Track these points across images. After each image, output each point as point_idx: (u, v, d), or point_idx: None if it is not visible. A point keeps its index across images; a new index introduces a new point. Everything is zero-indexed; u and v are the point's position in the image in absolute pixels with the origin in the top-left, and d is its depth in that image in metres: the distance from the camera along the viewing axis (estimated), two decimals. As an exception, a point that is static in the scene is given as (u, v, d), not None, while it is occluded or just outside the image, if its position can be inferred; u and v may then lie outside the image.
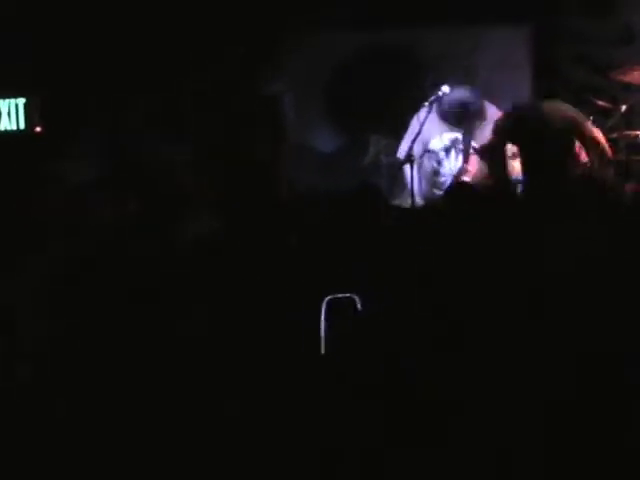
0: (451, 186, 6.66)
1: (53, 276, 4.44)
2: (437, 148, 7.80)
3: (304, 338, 3.88)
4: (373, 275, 4.04)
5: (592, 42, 9.03)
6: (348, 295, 3.92)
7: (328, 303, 3.92)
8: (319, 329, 3.89)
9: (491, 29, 8.52)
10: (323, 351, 3.86)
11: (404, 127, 7.92)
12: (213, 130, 8.76)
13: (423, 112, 7.61)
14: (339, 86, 9.25)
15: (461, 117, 7.68)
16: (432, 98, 7.60)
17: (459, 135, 7.78)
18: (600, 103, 8.08)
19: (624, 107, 8.06)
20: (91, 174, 8.14)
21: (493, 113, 7.72)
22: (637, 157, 8.06)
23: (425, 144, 7.66)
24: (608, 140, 7.93)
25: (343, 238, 4.69)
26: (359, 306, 3.88)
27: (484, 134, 7.58)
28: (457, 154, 7.79)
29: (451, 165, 7.84)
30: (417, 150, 7.57)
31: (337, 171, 8.99)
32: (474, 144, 7.53)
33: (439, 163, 7.80)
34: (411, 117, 7.86)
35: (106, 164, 8.38)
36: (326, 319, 3.89)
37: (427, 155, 7.70)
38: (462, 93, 7.64)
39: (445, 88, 7.57)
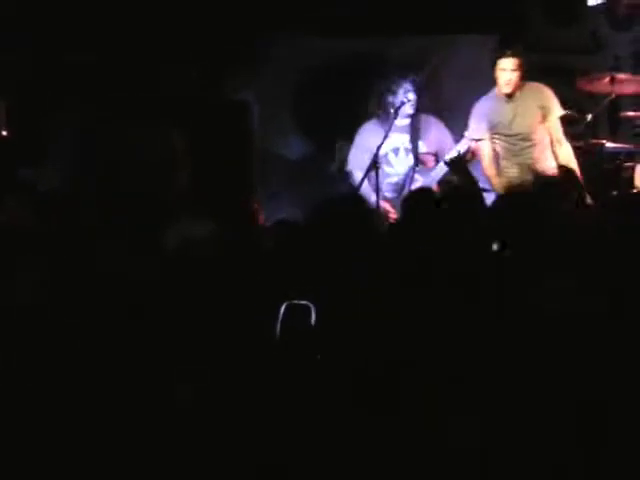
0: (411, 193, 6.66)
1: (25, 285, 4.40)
2: (387, 150, 7.82)
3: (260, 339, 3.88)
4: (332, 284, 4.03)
5: (558, 51, 9.09)
6: (304, 303, 3.90)
7: (286, 309, 3.90)
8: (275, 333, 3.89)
9: (458, 38, 8.54)
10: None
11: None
12: (181, 138, 8.73)
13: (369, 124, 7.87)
14: (306, 94, 9.25)
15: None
16: (397, 105, 7.66)
17: (407, 136, 7.85)
18: (567, 112, 8.11)
19: (590, 116, 8.11)
20: (60, 180, 8.11)
21: (439, 123, 7.90)
22: (602, 166, 8.12)
23: (372, 151, 7.66)
24: (574, 148, 8.00)
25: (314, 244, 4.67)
26: (313, 315, 3.86)
27: (430, 138, 7.79)
28: (406, 154, 7.84)
29: (402, 165, 7.89)
30: (362, 160, 7.70)
31: (304, 179, 8.99)
32: (445, 158, 7.61)
33: (391, 166, 7.84)
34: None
35: (75, 170, 8.34)
36: (282, 324, 3.88)
37: (380, 161, 7.72)
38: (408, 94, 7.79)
39: (410, 95, 7.65)
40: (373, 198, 7.47)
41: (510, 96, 7.44)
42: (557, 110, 7.53)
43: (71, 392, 3.70)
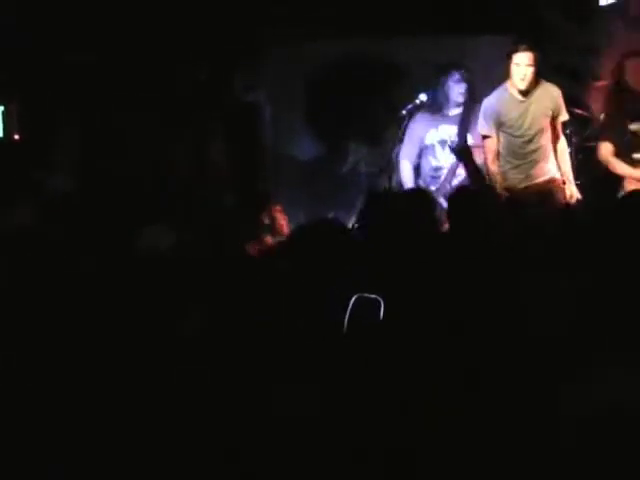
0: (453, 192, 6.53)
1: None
2: (433, 142, 7.78)
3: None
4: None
5: (572, 51, 9.05)
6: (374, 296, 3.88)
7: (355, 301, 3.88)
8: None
9: (472, 39, 8.48)
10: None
11: (384, 136, 7.92)
12: (193, 137, 8.73)
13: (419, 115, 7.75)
14: (318, 95, 9.22)
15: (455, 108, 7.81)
16: (410, 106, 7.60)
17: (454, 128, 7.80)
18: (579, 112, 8.08)
19: (602, 116, 8.07)
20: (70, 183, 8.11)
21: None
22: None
23: (420, 141, 7.64)
24: (585, 148, 7.97)
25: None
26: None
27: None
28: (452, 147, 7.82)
29: (447, 158, 7.85)
30: (412, 151, 7.63)
31: (316, 179, 8.97)
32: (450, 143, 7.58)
33: (436, 158, 7.79)
34: (395, 125, 7.86)
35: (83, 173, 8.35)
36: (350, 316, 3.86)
37: (424, 152, 7.68)
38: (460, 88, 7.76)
39: (423, 97, 7.59)
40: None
41: (524, 94, 7.23)
42: (564, 114, 7.39)
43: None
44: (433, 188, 7.63)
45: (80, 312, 4.01)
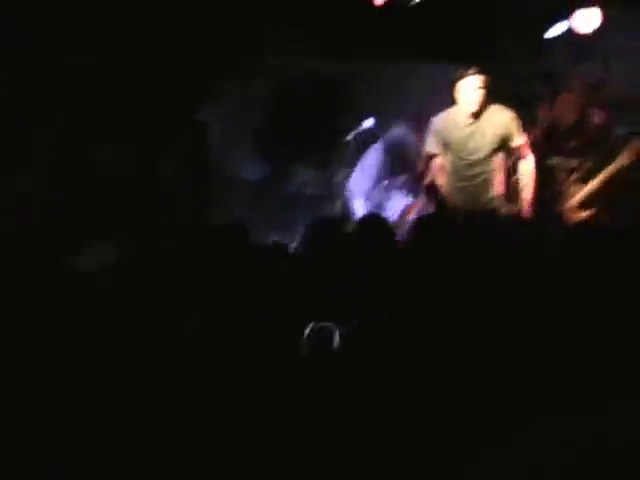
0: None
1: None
2: (364, 202, 7.86)
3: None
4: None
5: (522, 80, 9.18)
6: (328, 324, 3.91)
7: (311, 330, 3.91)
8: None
9: (421, 64, 8.57)
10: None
11: (331, 159, 7.98)
12: (142, 156, 8.72)
13: (373, 153, 7.74)
14: (268, 116, 9.27)
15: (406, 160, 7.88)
16: (357, 132, 7.67)
17: (406, 175, 7.85)
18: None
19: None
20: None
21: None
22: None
23: (371, 179, 7.74)
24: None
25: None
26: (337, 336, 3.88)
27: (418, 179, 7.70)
28: (405, 193, 7.85)
29: (398, 202, 7.89)
30: (368, 185, 7.65)
31: (262, 200, 9.00)
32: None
33: (388, 198, 7.83)
34: (341, 150, 7.91)
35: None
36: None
37: (378, 188, 7.75)
38: (403, 139, 7.78)
39: (369, 122, 7.65)
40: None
41: (472, 117, 7.12)
42: (518, 137, 7.22)
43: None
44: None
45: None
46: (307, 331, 3.89)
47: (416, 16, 8.47)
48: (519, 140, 7.19)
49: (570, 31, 8.62)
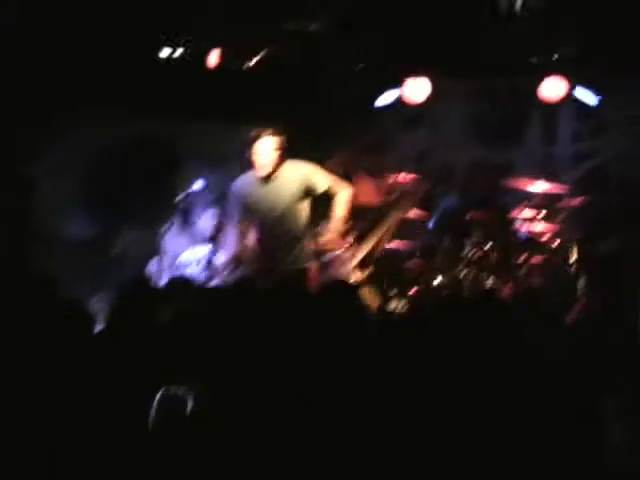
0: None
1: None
2: (187, 261, 7.75)
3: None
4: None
5: (347, 147, 9.30)
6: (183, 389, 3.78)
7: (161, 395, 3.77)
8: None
9: (243, 127, 8.54)
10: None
11: (158, 219, 7.87)
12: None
13: (172, 226, 7.64)
14: (95, 175, 9.12)
15: (207, 235, 7.83)
16: (186, 194, 7.55)
17: (208, 248, 7.78)
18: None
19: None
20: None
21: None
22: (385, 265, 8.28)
23: (174, 257, 7.63)
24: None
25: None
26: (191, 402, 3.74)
27: (229, 247, 7.64)
28: (205, 267, 7.77)
29: (199, 276, 7.80)
30: (165, 263, 7.55)
31: (87, 259, 8.81)
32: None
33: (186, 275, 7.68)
34: (169, 210, 7.81)
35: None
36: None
37: (175, 266, 7.63)
38: (205, 213, 7.73)
39: (199, 184, 7.55)
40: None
41: (268, 178, 7.01)
42: (321, 185, 7.06)
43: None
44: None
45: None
46: (158, 397, 3.78)
47: (240, 81, 8.52)
48: (324, 184, 7.08)
49: (400, 99, 8.77)
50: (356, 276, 7.53)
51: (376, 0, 7.56)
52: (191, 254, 7.80)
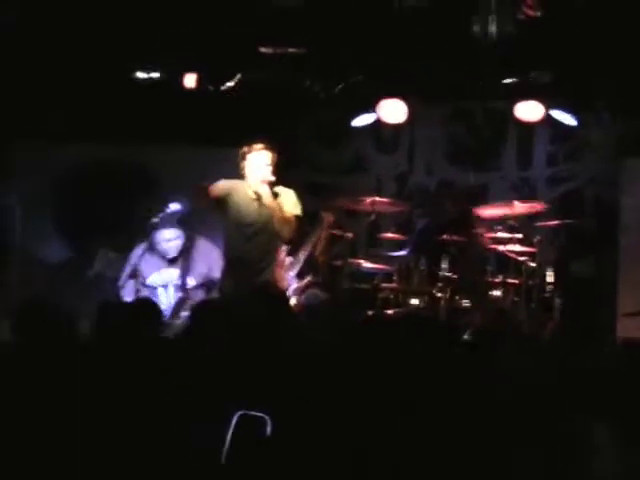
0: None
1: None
2: (155, 284, 7.73)
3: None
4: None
5: (323, 170, 9.31)
6: (260, 414, 3.78)
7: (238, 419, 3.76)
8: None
9: (223, 150, 8.53)
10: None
11: (131, 243, 7.85)
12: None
13: (140, 249, 7.60)
14: (68, 199, 9.11)
15: (174, 257, 7.78)
16: (162, 215, 7.50)
17: (176, 271, 7.76)
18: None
19: (350, 235, 8.29)
20: None
21: (208, 248, 7.79)
22: (361, 285, 8.29)
23: (143, 279, 7.60)
24: (333, 267, 8.15)
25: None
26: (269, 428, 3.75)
27: (200, 269, 7.62)
28: (176, 290, 7.75)
29: (169, 299, 7.78)
30: (134, 286, 7.51)
31: (63, 282, 8.77)
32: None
33: (156, 298, 7.63)
34: (140, 233, 7.78)
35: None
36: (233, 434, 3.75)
37: (143, 290, 7.60)
38: (170, 234, 7.70)
39: (174, 206, 7.48)
40: None
41: (260, 197, 6.92)
42: (293, 209, 7.00)
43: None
44: None
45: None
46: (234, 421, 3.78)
47: (214, 104, 8.54)
48: (295, 211, 7.04)
49: (376, 122, 8.80)
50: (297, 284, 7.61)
51: (352, 23, 7.58)
52: (158, 276, 7.76)
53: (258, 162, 6.93)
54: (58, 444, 3.86)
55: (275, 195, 6.95)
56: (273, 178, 6.93)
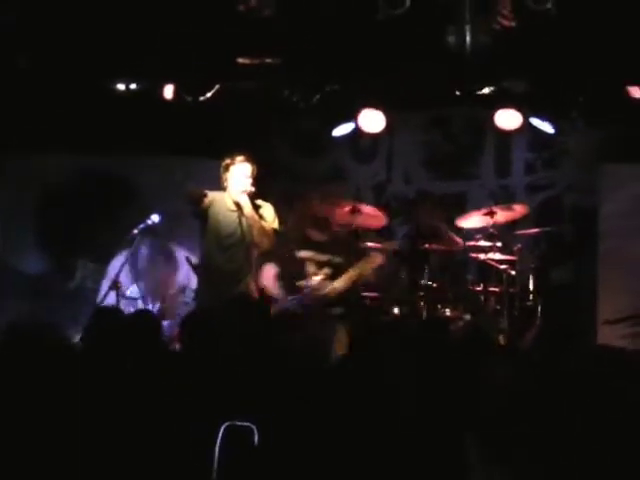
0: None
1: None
2: (134, 295, 7.73)
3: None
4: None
5: (301, 179, 9.31)
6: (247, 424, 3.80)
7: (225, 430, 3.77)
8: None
9: (202, 161, 8.56)
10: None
11: (112, 253, 7.85)
12: None
13: (119, 260, 7.60)
14: (48, 210, 9.08)
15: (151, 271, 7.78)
16: (142, 226, 7.50)
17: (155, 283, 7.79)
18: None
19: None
20: None
21: (182, 257, 7.79)
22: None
23: (123, 291, 7.61)
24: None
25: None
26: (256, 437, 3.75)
27: (175, 279, 7.62)
28: (154, 300, 7.75)
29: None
30: (113, 297, 7.50)
31: (43, 294, 8.75)
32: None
33: (136, 309, 7.64)
34: (120, 244, 7.77)
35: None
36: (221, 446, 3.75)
37: (123, 302, 7.59)
38: (147, 251, 7.70)
39: (155, 217, 7.49)
40: None
41: (237, 205, 7.08)
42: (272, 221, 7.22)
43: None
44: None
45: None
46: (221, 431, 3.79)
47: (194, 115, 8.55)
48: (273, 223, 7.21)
49: (355, 130, 8.81)
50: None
51: (329, 32, 7.60)
52: (136, 288, 7.77)
53: (239, 174, 7.08)
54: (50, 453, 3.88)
55: (255, 207, 7.03)
56: (253, 189, 7.07)
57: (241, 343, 4.72)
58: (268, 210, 7.19)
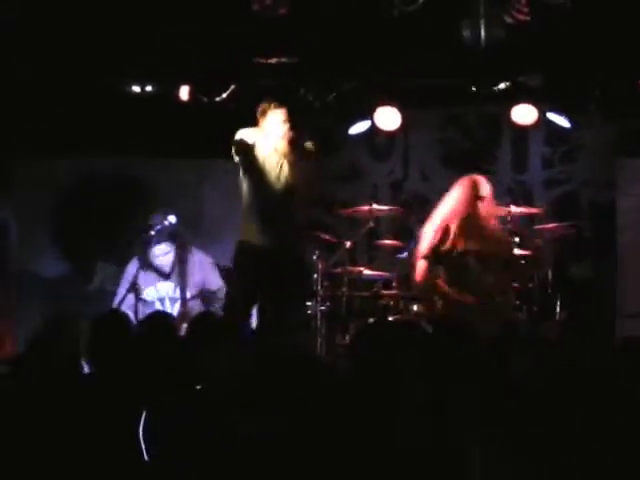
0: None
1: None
2: (151, 298, 7.71)
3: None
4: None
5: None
6: None
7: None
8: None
9: (219, 162, 8.55)
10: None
11: (130, 255, 7.83)
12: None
13: (134, 263, 7.59)
14: (64, 213, 9.09)
15: (168, 270, 7.71)
16: (159, 227, 7.50)
17: (172, 284, 7.73)
18: (325, 237, 8.26)
19: (349, 243, 8.28)
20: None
21: (201, 259, 7.76)
22: (359, 292, 8.29)
23: (139, 294, 7.57)
24: (331, 275, 8.15)
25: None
26: None
27: (195, 280, 7.62)
28: (172, 303, 7.72)
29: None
30: (131, 300, 7.48)
31: (62, 297, 8.76)
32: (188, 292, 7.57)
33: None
34: (137, 246, 7.76)
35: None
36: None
37: (141, 304, 7.56)
38: (163, 249, 7.66)
39: (172, 218, 7.50)
40: None
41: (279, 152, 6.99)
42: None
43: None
44: None
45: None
46: None
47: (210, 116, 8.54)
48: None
49: (372, 128, 8.81)
50: None
51: (344, 30, 7.60)
52: (154, 290, 7.73)
53: (277, 119, 6.99)
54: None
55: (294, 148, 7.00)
56: (292, 133, 7.00)
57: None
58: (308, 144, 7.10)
